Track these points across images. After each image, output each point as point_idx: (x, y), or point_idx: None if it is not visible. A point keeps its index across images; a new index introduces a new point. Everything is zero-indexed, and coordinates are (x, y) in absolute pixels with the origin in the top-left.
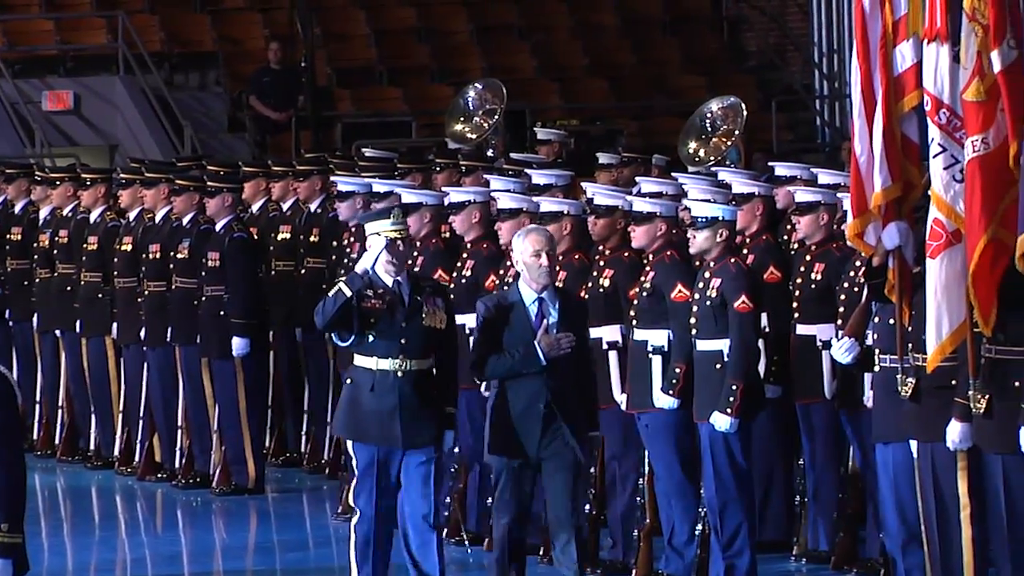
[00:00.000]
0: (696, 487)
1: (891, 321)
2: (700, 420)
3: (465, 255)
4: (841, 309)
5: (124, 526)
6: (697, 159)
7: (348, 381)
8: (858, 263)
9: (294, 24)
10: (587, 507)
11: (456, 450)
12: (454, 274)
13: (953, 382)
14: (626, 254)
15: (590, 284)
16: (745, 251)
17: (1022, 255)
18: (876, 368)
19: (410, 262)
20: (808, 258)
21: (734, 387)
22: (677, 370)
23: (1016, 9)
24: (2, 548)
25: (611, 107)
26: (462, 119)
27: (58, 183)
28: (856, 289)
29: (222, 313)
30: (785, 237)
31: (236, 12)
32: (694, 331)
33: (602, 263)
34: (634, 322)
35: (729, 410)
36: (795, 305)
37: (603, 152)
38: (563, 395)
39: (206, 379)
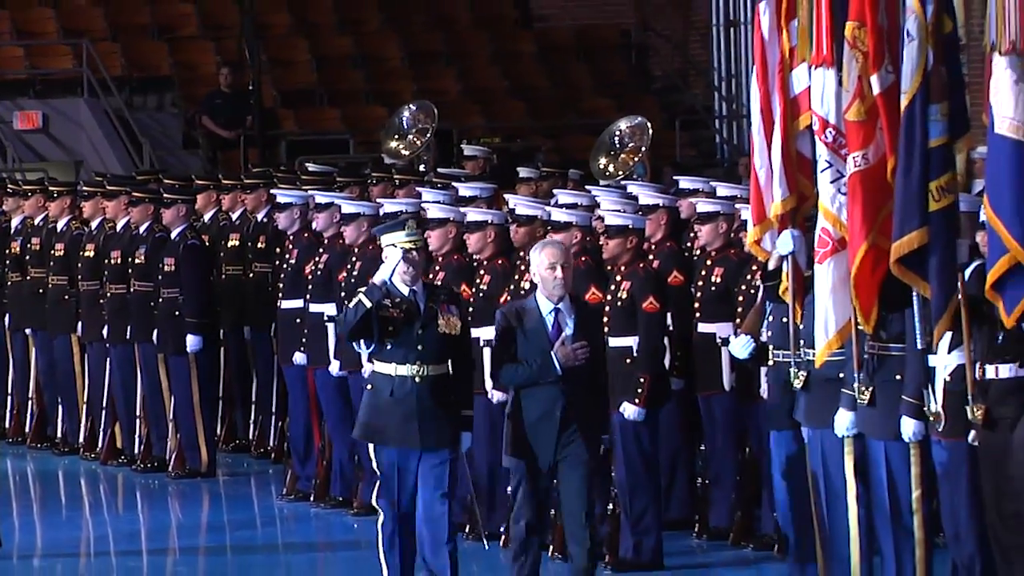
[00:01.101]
0: (608, 471)
1: (784, 320)
2: (612, 409)
3: None
4: (739, 309)
5: (88, 507)
6: (607, 173)
7: (368, 387)
8: (754, 267)
9: (242, 51)
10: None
11: None
12: None
13: (840, 375)
14: None
15: (512, 287)
16: (652, 257)
17: (895, 260)
18: (770, 362)
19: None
20: (708, 263)
21: (642, 379)
22: None
23: (893, 38)
24: None
25: (529, 126)
26: (397, 137)
27: (29, 195)
28: (752, 291)
29: (177, 313)
30: (688, 244)
31: (190, 40)
32: (606, 329)
33: (523, 268)
34: None
35: (638, 400)
36: (697, 306)
37: (523, 167)
38: (578, 401)
39: (163, 373)
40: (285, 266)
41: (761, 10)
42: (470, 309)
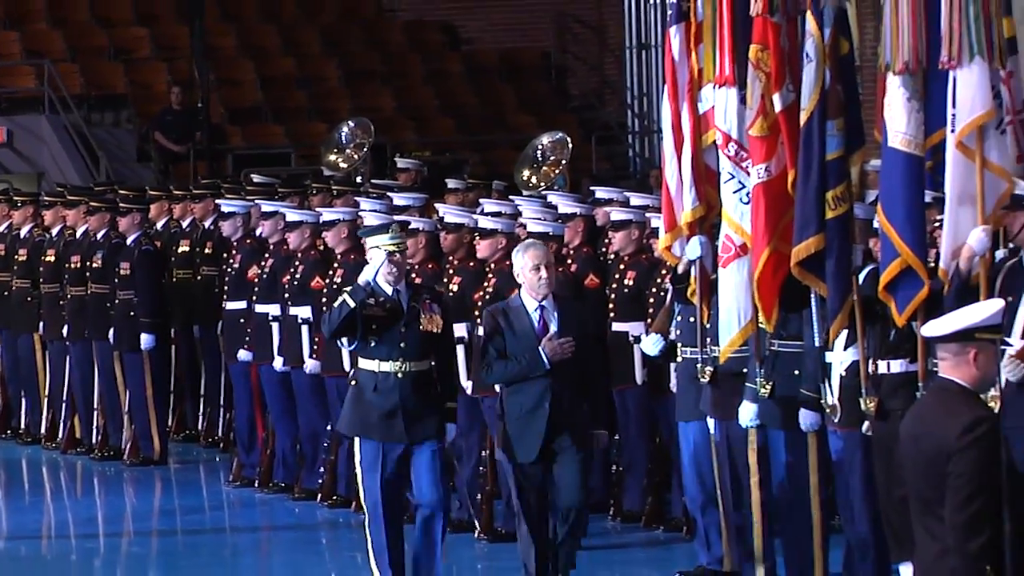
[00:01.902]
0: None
1: (692, 319)
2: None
3: (336, 265)
4: (650, 310)
5: (49, 493)
6: (530, 184)
7: (353, 383)
8: (664, 271)
9: (193, 71)
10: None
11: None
12: (327, 280)
13: (744, 370)
14: (471, 263)
15: (442, 288)
16: (569, 261)
17: (795, 263)
18: (679, 359)
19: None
20: (622, 267)
21: None
22: None
23: (794, 59)
24: None
25: (458, 141)
26: (336, 151)
27: None
28: (662, 293)
29: (132, 314)
30: (603, 249)
31: (144, 61)
32: None
33: (451, 271)
34: (479, 320)
35: None
36: (611, 306)
37: (451, 178)
38: (565, 394)
39: (118, 369)
40: (229, 270)
41: (672, 34)
42: None
